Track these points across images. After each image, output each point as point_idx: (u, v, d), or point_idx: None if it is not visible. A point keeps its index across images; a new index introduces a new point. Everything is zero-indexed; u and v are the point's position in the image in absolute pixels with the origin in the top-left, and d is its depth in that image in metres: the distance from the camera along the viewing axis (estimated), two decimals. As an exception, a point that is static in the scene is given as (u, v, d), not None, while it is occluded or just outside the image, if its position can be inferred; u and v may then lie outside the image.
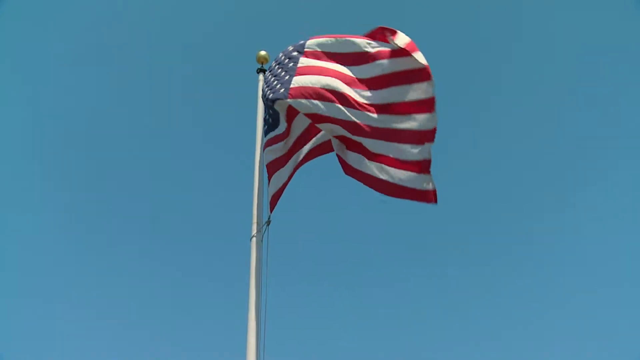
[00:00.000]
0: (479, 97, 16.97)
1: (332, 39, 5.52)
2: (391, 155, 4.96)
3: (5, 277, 12.50)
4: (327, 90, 5.13)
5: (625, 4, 13.82)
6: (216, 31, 16.85)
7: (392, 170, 4.94)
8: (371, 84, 5.15)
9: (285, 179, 5.47)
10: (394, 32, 5.04)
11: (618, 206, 14.45)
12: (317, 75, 5.25)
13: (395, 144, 4.95)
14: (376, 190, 5.13)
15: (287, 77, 5.40)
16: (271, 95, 5.41)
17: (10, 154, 14.12)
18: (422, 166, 4.80)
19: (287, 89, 5.24)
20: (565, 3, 15.75)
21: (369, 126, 5.03)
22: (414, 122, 4.87)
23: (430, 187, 4.77)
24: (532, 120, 16.46)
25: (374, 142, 5.05)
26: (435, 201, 4.76)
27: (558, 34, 16.03)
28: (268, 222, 5.27)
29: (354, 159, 5.29)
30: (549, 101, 16.17)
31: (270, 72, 5.83)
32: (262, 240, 5.19)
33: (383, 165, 5.00)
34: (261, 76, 6.33)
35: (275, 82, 5.52)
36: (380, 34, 5.18)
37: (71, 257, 13.97)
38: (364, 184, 5.19)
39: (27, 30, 14.53)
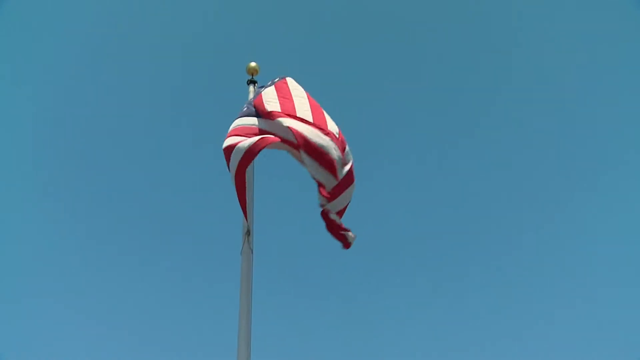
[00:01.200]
0: (478, 97, 17.01)
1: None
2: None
3: (5, 277, 12.54)
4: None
5: (625, 4, 13.84)
6: (208, 42, 16.86)
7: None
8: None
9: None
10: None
11: (618, 206, 14.50)
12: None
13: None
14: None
15: None
16: None
17: (9, 154, 14.17)
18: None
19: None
20: (565, 3, 15.79)
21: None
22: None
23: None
24: (532, 120, 16.50)
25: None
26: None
27: (558, 33, 16.07)
28: (247, 233, 5.03)
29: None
30: (549, 101, 16.21)
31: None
32: (251, 251, 4.97)
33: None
34: (251, 88, 6.22)
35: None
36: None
37: (70, 257, 14.01)
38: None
39: (27, 29, 14.57)
